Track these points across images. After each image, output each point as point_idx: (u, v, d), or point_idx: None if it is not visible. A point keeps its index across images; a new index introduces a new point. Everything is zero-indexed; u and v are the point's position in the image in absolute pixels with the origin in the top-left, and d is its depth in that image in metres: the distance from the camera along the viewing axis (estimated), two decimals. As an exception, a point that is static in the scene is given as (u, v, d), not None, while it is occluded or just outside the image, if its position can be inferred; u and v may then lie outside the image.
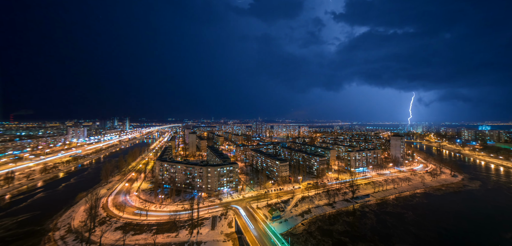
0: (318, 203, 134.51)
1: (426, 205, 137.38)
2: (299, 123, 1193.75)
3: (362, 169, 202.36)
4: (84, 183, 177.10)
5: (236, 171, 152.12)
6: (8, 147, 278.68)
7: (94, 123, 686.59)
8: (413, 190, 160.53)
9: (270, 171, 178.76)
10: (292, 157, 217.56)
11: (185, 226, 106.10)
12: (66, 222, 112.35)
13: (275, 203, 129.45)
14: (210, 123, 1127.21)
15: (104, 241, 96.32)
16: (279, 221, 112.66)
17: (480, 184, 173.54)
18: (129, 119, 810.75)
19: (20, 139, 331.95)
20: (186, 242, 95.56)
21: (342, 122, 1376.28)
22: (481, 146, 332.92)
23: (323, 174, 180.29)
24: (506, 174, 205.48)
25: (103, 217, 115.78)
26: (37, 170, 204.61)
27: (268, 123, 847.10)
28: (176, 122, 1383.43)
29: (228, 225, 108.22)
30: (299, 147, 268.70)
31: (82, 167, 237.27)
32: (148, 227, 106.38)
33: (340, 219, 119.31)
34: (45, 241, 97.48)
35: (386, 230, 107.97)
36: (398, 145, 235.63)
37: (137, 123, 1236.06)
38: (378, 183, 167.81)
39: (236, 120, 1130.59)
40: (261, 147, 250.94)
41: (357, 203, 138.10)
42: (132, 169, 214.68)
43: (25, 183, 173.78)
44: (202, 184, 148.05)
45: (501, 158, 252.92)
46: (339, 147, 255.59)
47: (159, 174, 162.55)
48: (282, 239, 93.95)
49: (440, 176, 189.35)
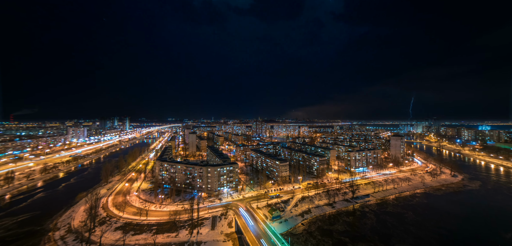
0: (318, 203, 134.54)
1: (426, 205, 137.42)
2: (299, 122, 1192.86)
3: (362, 169, 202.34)
4: (84, 183, 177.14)
5: (236, 171, 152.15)
6: (8, 147, 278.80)
7: (94, 123, 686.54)
8: (413, 190, 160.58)
9: (270, 171, 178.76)
10: (292, 157, 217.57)
11: (185, 226, 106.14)
12: (66, 222, 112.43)
13: (275, 203, 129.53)
14: (210, 122, 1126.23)
15: (104, 241, 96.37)
16: (279, 221, 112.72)
17: (480, 184, 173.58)
18: (129, 119, 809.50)
19: (20, 139, 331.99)
20: (186, 242, 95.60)
21: (342, 122, 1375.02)
22: (481, 146, 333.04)
23: (323, 174, 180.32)
24: (506, 174, 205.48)
25: (103, 217, 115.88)
26: (37, 170, 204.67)
27: (268, 122, 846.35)
28: (176, 122, 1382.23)
29: (228, 225, 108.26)
30: (299, 147, 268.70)
31: (82, 167, 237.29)
32: (148, 227, 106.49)
33: (340, 219, 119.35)
34: (45, 241, 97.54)
35: (386, 230, 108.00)
36: (398, 145, 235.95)
37: (137, 122, 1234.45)
38: (378, 183, 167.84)
39: (236, 120, 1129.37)
40: (261, 147, 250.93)
41: (357, 203, 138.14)
42: (132, 169, 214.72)
43: (25, 183, 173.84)
44: (202, 184, 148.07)
45: (501, 158, 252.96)
46: (339, 147, 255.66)
47: (159, 174, 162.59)
48: (282, 239, 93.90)
49: (440, 176, 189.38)
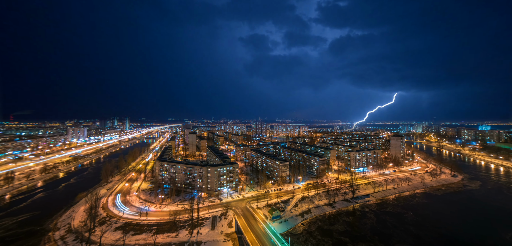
0: (318, 203, 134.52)
1: (426, 205, 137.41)
2: (299, 123, 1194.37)
3: (362, 169, 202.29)
4: (84, 183, 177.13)
5: (236, 171, 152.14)
6: (8, 147, 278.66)
7: (94, 123, 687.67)
8: (413, 190, 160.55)
9: (270, 171, 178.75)
10: (292, 157, 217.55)
11: (185, 226, 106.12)
12: (66, 222, 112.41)
13: (275, 203, 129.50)
14: (210, 123, 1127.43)
15: (104, 241, 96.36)
16: (279, 221, 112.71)
17: (480, 184, 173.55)
18: (129, 119, 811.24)
19: (20, 139, 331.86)
20: (186, 242, 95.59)
21: (342, 122, 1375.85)
22: (481, 146, 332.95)
23: (323, 174, 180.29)
24: (506, 174, 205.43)
25: (103, 217, 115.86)
26: (37, 170, 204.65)
27: (268, 122, 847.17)
28: (176, 122, 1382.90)
29: (228, 225, 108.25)
30: (299, 147, 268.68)
31: (82, 167, 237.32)
32: (148, 227, 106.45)
33: (340, 219, 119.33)
34: (45, 241, 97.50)
35: (386, 230, 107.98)
36: (398, 145, 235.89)
37: (137, 122, 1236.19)
38: (378, 183, 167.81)
39: (236, 121, 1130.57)
40: (261, 147, 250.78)
41: (357, 203, 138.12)
42: (132, 169, 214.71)
43: (25, 183, 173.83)
44: (202, 184, 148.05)
45: (501, 158, 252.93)
46: (339, 147, 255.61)
47: (159, 174, 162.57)
48: (282, 239, 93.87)
49: (440, 176, 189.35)
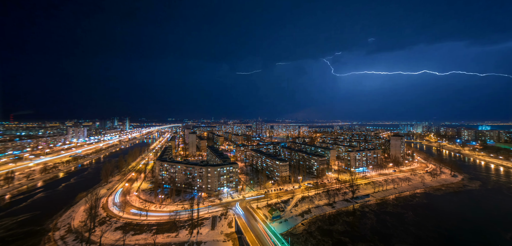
0: (318, 203, 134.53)
1: (426, 205, 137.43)
2: (299, 122, 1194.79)
3: (362, 169, 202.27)
4: (84, 183, 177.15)
5: (236, 171, 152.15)
6: (8, 147, 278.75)
7: (94, 123, 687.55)
8: (413, 190, 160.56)
9: (270, 171, 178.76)
10: (292, 157, 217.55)
11: (185, 226, 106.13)
12: (66, 222, 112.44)
13: (275, 203, 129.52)
14: (210, 123, 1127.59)
15: (104, 241, 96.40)
16: (279, 221, 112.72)
17: (480, 184, 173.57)
18: (129, 119, 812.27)
19: (20, 139, 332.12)
20: (186, 242, 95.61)
21: (342, 122, 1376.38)
22: (481, 146, 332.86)
23: (323, 174, 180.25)
24: (506, 174, 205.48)
25: (103, 217, 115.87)
26: (37, 170, 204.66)
27: (268, 122, 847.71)
28: (176, 122, 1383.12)
29: (228, 225, 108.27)
30: (299, 147, 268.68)
31: (82, 167, 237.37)
32: (148, 227, 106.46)
33: (340, 219, 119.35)
34: (45, 241, 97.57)
35: (386, 230, 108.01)
36: (398, 145, 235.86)
37: (137, 122, 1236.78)
38: (378, 183, 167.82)
39: (236, 120, 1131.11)
40: (261, 147, 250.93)
41: (357, 203, 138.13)
42: (132, 169, 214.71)
43: (25, 183, 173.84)
44: (202, 184, 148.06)
45: (501, 158, 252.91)
46: (339, 147, 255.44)
47: (159, 174, 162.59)
48: (282, 239, 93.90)
49: (440, 176, 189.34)
